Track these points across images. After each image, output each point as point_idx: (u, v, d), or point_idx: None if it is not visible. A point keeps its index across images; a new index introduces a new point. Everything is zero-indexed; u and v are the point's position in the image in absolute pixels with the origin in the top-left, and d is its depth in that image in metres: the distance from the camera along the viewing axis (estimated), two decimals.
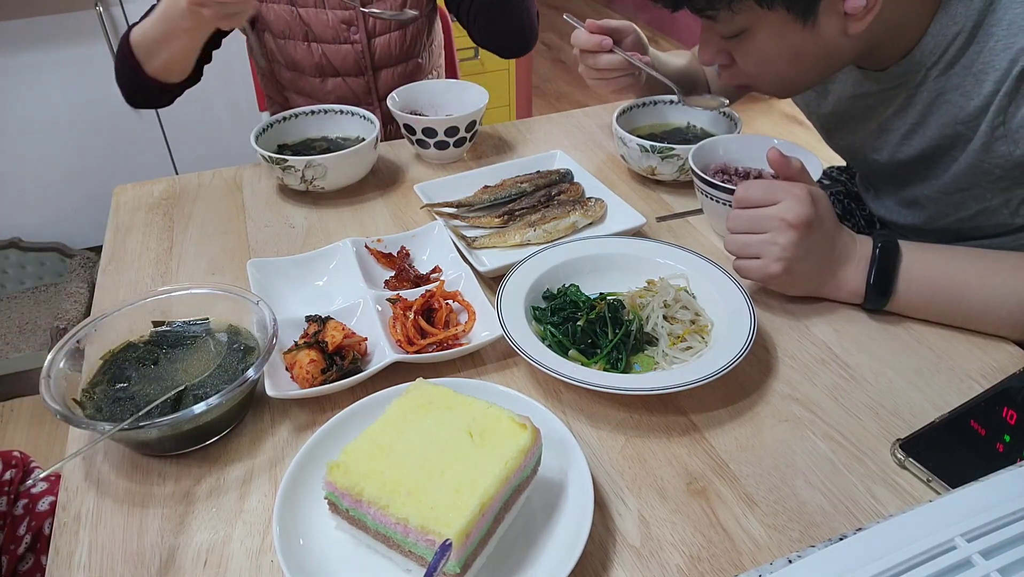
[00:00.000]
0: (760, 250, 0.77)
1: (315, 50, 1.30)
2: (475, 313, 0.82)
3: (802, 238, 0.75)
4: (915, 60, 0.83)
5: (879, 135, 0.94)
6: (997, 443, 0.65)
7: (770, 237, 0.76)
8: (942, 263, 0.78)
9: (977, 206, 0.89)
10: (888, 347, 0.78)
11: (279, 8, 1.27)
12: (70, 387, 0.69)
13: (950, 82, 0.81)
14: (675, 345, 0.77)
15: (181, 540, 0.62)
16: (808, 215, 0.75)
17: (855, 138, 0.99)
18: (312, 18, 1.27)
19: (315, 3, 1.26)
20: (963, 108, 0.81)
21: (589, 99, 3.68)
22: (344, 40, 1.30)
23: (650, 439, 0.69)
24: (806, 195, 0.76)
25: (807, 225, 0.75)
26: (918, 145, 0.89)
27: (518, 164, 1.10)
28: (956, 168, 0.86)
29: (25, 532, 0.90)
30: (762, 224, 0.77)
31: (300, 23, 1.28)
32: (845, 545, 0.42)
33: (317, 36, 1.29)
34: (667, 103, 1.18)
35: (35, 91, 2.02)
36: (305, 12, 1.27)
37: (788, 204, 0.75)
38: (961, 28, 0.78)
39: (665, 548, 0.59)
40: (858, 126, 0.97)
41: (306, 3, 1.27)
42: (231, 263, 0.95)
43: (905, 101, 0.87)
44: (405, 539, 0.54)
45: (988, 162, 0.82)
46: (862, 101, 0.93)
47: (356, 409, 0.67)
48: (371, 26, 1.30)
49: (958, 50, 0.79)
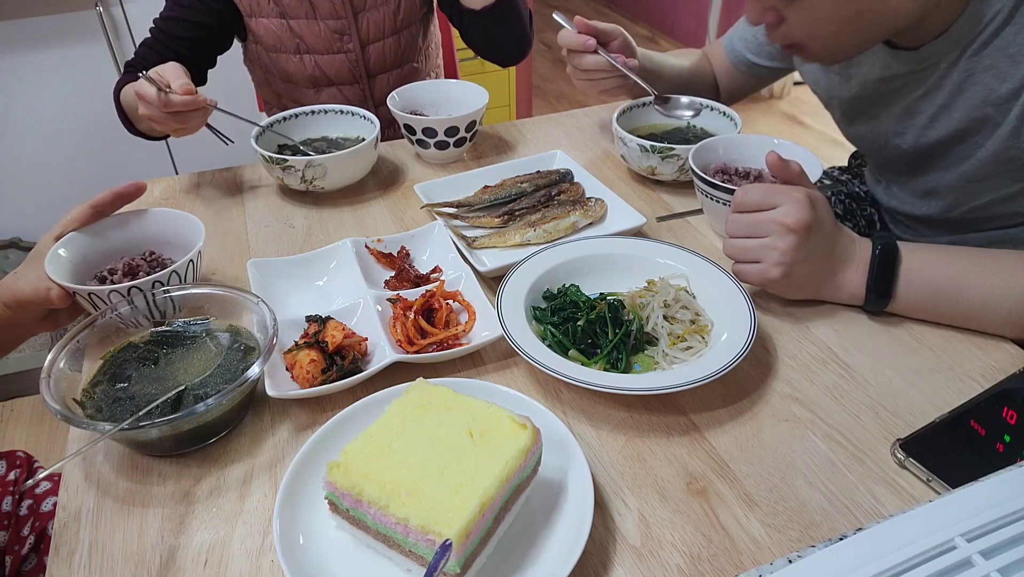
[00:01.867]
0: (759, 254, 0.77)
1: (308, 61, 1.29)
2: (475, 313, 0.82)
3: (802, 242, 0.75)
4: (951, 39, 0.82)
5: (904, 119, 0.93)
6: (997, 443, 0.65)
7: (770, 241, 0.76)
8: (942, 264, 0.78)
9: (993, 195, 0.88)
10: (888, 347, 0.78)
11: (269, 22, 1.25)
12: (70, 387, 0.69)
13: (982, 63, 0.80)
14: (675, 345, 0.77)
15: (181, 540, 0.62)
16: (808, 219, 0.75)
17: (877, 123, 0.98)
18: (304, 30, 1.26)
19: (306, 14, 1.25)
20: (994, 90, 0.80)
21: (589, 99, 3.68)
22: (337, 50, 1.29)
23: (650, 439, 0.69)
24: (805, 199, 0.76)
25: (806, 229, 0.75)
26: (944, 128, 0.89)
27: (518, 164, 1.10)
28: (980, 154, 0.86)
29: (29, 533, 0.90)
30: (761, 228, 0.77)
31: (292, 35, 1.26)
32: (845, 545, 0.42)
33: (310, 47, 1.28)
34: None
35: (35, 91, 2.02)
36: (296, 24, 1.25)
37: (788, 208, 0.75)
38: (1001, 7, 0.77)
39: (665, 548, 0.59)
40: (882, 110, 0.95)
41: (297, 15, 1.25)
42: (231, 263, 0.95)
43: (935, 83, 0.86)
44: (405, 539, 0.54)
45: (1015, 148, 0.81)
46: (889, 84, 0.92)
47: (356, 409, 0.67)
48: (364, 33, 1.29)
49: (995, 30, 0.78)
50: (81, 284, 0.79)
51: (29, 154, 2.10)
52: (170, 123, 0.98)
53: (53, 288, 0.77)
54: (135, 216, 0.89)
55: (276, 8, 1.24)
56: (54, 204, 2.20)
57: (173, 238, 0.88)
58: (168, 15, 1.25)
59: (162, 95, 0.95)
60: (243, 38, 1.33)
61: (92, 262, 0.85)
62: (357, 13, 1.27)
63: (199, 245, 0.82)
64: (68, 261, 0.82)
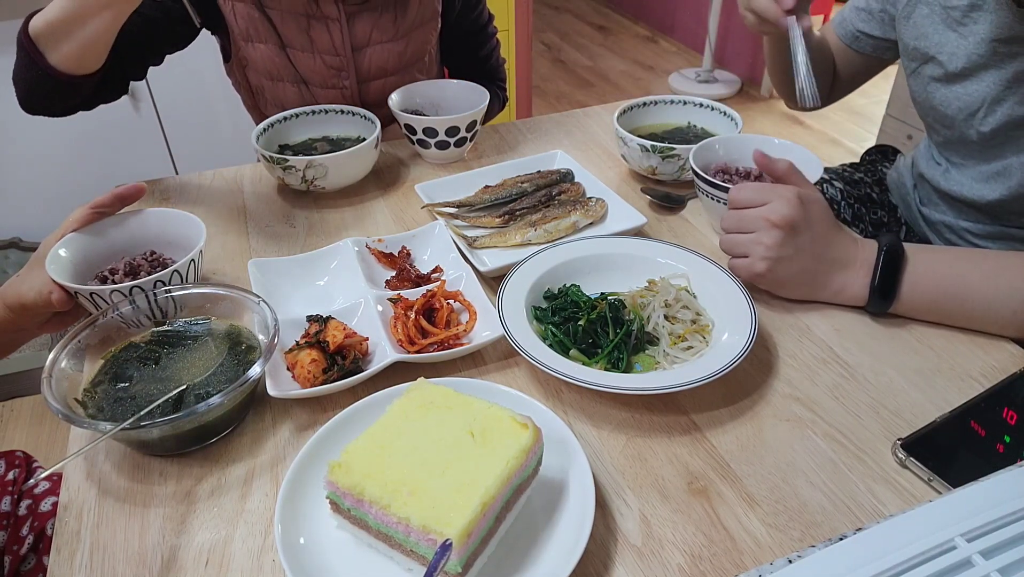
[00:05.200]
0: (747, 249, 0.80)
1: (304, 93, 1.25)
2: (476, 313, 0.82)
3: (787, 238, 0.77)
4: None
5: (1013, 84, 0.90)
6: (997, 443, 0.65)
7: (756, 237, 0.79)
8: (946, 266, 0.78)
9: None
10: (889, 347, 0.78)
11: (266, 48, 1.20)
12: (71, 387, 0.69)
13: None
14: (676, 345, 0.77)
15: (182, 540, 0.62)
16: (792, 216, 0.77)
17: (980, 86, 0.94)
18: (301, 61, 1.21)
19: (303, 47, 1.20)
20: None
21: (589, 99, 3.68)
22: (333, 85, 1.24)
23: (651, 439, 0.69)
24: (794, 197, 0.77)
25: (791, 226, 0.77)
26: None
27: (518, 164, 1.10)
28: None
29: (28, 533, 0.90)
30: (749, 224, 0.79)
31: (289, 65, 1.22)
32: (845, 545, 0.42)
33: (306, 79, 1.23)
34: (668, 103, 1.18)
35: None
36: (294, 54, 1.20)
37: (774, 205, 0.77)
38: None
39: (666, 547, 0.59)
40: (992, 72, 0.92)
41: (295, 46, 1.20)
42: (232, 263, 0.95)
43: None
44: (406, 539, 0.54)
45: None
46: (1008, 46, 0.89)
47: (357, 409, 0.68)
48: (365, 71, 1.25)
49: None
50: (82, 284, 0.79)
51: (29, 154, 2.10)
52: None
53: (55, 291, 0.77)
54: (136, 216, 0.89)
55: (275, 36, 1.19)
56: (54, 204, 2.21)
57: (174, 238, 0.88)
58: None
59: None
60: (226, 59, 1.28)
61: (93, 262, 0.85)
62: (357, 50, 1.22)
63: (200, 245, 0.82)
64: (69, 261, 0.82)
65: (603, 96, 3.72)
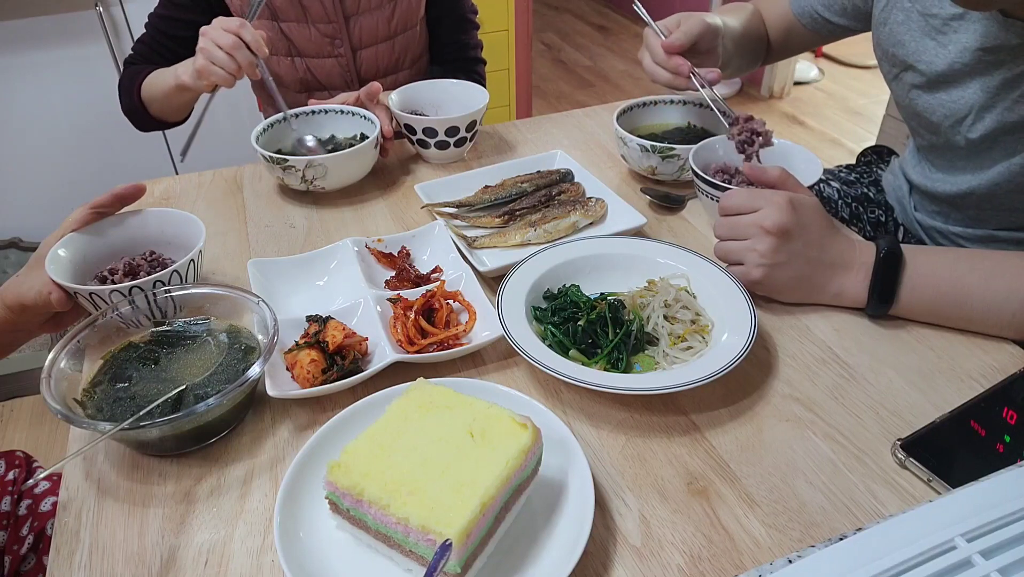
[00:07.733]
0: (741, 256, 0.80)
1: (299, 65, 1.28)
2: (475, 313, 0.82)
3: (780, 244, 0.77)
4: None
5: (999, 91, 0.89)
6: (997, 443, 0.65)
7: (750, 244, 0.79)
8: (945, 268, 0.78)
9: None
10: (889, 347, 0.78)
11: (259, 23, 1.23)
12: (71, 387, 0.69)
13: None
14: (676, 345, 0.77)
15: (182, 540, 0.62)
16: (784, 222, 0.76)
17: (964, 93, 0.93)
18: (295, 33, 1.24)
19: (296, 18, 1.24)
20: None
21: (589, 99, 3.69)
22: (328, 54, 1.28)
23: (651, 439, 0.69)
24: (786, 203, 0.77)
25: (784, 232, 0.77)
26: None
27: (518, 164, 1.10)
28: None
29: (28, 533, 0.90)
30: (742, 231, 0.79)
31: (282, 38, 1.25)
32: (845, 545, 0.42)
33: (300, 51, 1.27)
34: (667, 103, 1.18)
35: (35, 91, 2.02)
36: (287, 27, 1.24)
37: (766, 211, 0.77)
38: None
39: (666, 548, 0.59)
40: (976, 80, 0.91)
41: (288, 17, 1.24)
42: (232, 263, 0.95)
43: None
44: (406, 539, 0.54)
45: None
46: (992, 55, 0.88)
47: (357, 409, 0.67)
48: (356, 39, 1.29)
49: None
50: (82, 284, 0.79)
51: (29, 154, 2.10)
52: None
53: (55, 292, 0.77)
54: (135, 216, 0.89)
55: (267, 10, 1.23)
56: (54, 204, 2.21)
57: (173, 238, 0.88)
58: (162, 13, 1.24)
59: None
60: None
61: (92, 262, 0.85)
62: (349, 18, 1.26)
63: (200, 245, 0.82)
64: (68, 261, 0.82)
65: (603, 96, 3.72)
